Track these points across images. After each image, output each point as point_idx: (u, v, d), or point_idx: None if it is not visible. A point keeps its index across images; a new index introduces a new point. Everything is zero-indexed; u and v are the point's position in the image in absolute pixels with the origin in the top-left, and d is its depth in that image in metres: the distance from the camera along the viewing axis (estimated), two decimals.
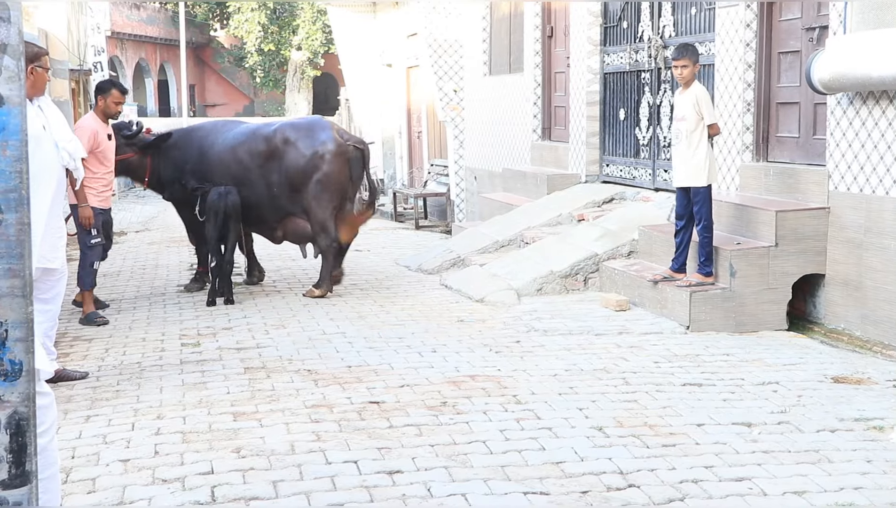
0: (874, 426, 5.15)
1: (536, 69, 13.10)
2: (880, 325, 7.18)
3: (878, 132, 7.21)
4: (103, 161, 8.32)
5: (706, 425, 5.14)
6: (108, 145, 8.41)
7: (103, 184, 8.34)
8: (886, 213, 7.12)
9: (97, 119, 8.43)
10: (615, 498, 4.17)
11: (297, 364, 6.51)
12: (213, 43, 44.87)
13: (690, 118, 7.61)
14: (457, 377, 6.13)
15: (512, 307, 8.38)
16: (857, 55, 7.04)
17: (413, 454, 4.68)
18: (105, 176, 8.39)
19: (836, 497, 4.18)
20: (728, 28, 9.00)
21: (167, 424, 5.22)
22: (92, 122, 8.42)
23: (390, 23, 20.10)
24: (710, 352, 6.87)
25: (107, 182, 8.43)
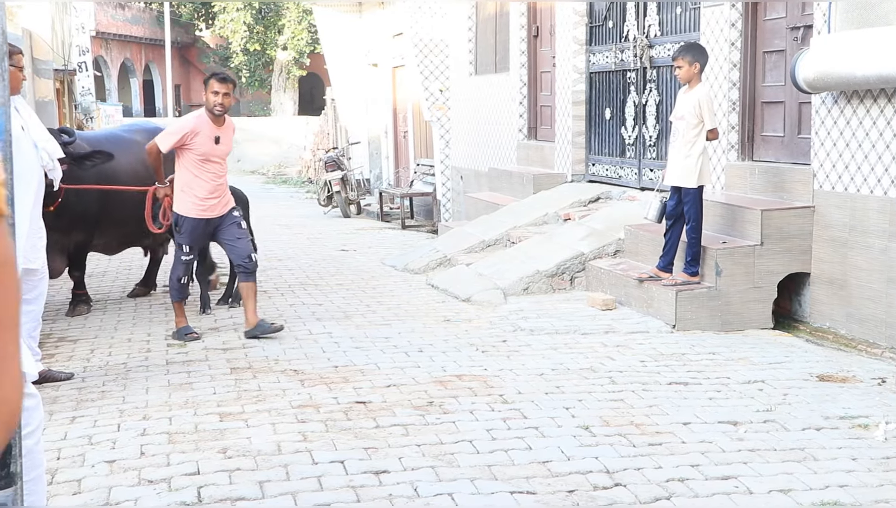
0: (859, 424, 5.17)
1: (522, 69, 13.11)
2: (865, 323, 7.21)
3: (862, 131, 7.24)
4: (204, 163, 7.36)
5: (692, 423, 5.15)
6: (209, 147, 7.37)
7: (207, 191, 7.37)
8: (871, 212, 7.15)
9: (201, 116, 7.48)
10: (602, 497, 4.17)
11: (283, 364, 6.50)
12: (199, 43, 44.76)
13: (689, 119, 7.60)
14: (443, 376, 6.13)
15: (498, 307, 8.38)
16: (842, 54, 7.06)
17: (400, 453, 4.68)
18: (208, 181, 7.38)
19: (821, 494, 4.19)
20: (713, 27, 9.02)
21: (153, 425, 5.21)
22: (191, 119, 7.55)
23: (376, 22, 20.07)
24: (696, 351, 6.88)
25: (210, 188, 7.38)
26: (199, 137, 7.34)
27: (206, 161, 7.35)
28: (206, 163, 7.35)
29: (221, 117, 7.44)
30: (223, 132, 7.50)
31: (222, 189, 7.52)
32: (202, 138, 7.34)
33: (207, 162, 7.35)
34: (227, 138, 7.57)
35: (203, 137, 7.34)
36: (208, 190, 7.38)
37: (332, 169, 18.10)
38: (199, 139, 7.34)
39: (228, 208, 7.56)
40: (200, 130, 7.36)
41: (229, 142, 7.61)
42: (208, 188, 7.38)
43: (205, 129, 7.37)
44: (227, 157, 7.64)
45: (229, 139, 7.61)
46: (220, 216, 7.51)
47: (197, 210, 7.39)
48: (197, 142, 7.33)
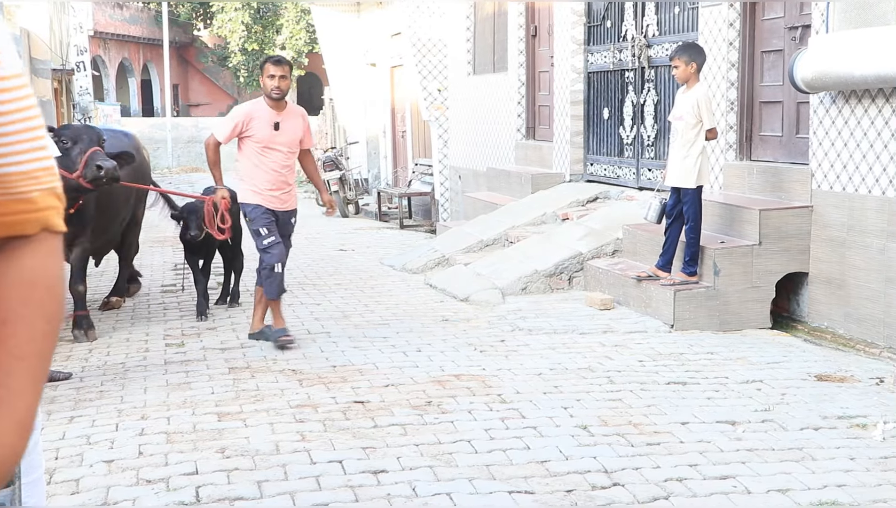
0: (857, 423, 5.17)
1: (520, 68, 13.11)
2: (863, 323, 7.22)
3: (860, 131, 7.24)
4: (264, 151, 6.98)
5: (690, 423, 5.15)
6: (268, 133, 6.97)
7: (268, 182, 6.99)
8: (869, 211, 7.15)
9: (259, 101, 7.15)
10: (600, 497, 4.17)
11: (281, 364, 6.50)
12: (197, 42, 44.69)
13: (688, 119, 7.59)
14: (441, 376, 6.13)
15: (496, 307, 8.38)
16: (840, 54, 7.07)
17: (398, 453, 4.68)
18: (269, 171, 6.99)
19: (819, 494, 4.19)
20: (711, 27, 9.02)
21: (151, 424, 5.20)
22: (248, 104, 7.25)
23: (374, 22, 20.07)
24: (695, 351, 6.89)
25: (271, 180, 7.00)
26: (257, 123, 6.95)
27: (267, 149, 6.94)
28: (266, 151, 6.95)
29: (282, 102, 7.04)
30: (285, 118, 7.04)
31: (286, 184, 7.08)
32: (260, 124, 6.95)
33: (268, 150, 6.95)
34: (292, 126, 7.07)
35: (261, 123, 6.96)
36: (270, 182, 6.98)
37: (331, 169, 18.09)
38: (256, 125, 6.95)
39: (292, 205, 7.18)
40: (257, 114, 6.99)
41: (295, 130, 7.09)
42: (269, 180, 6.98)
43: (262, 114, 6.99)
44: (295, 147, 7.11)
45: (295, 127, 7.09)
46: (283, 211, 7.11)
47: (259, 198, 7.00)
48: (254, 127, 6.95)
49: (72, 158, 6.85)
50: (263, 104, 7.03)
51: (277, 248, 6.96)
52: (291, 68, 7.11)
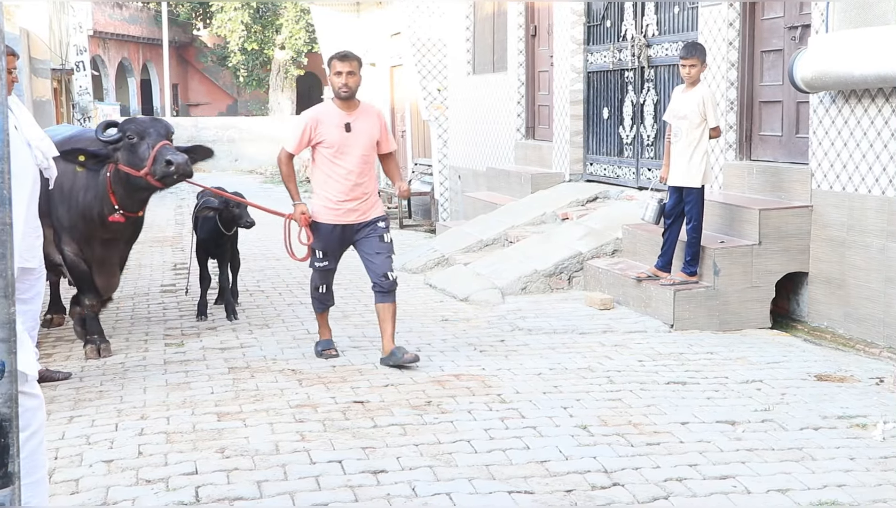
0: (857, 423, 5.17)
1: (520, 68, 13.11)
2: (863, 323, 7.22)
3: (860, 131, 7.24)
4: (335, 159, 6.36)
5: (690, 423, 5.15)
6: (339, 136, 6.34)
7: (341, 192, 6.36)
8: (868, 211, 7.15)
9: (328, 103, 6.58)
10: (600, 497, 4.17)
11: (281, 364, 6.49)
12: (196, 42, 44.69)
13: (693, 118, 7.59)
14: (441, 376, 6.13)
15: (496, 306, 8.38)
16: (839, 54, 7.07)
17: (397, 453, 4.68)
18: (340, 179, 6.35)
19: (819, 494, 4.19)
20: (711, 27, 9.02)
21: (151, 424, 5.20)
22: (316, 108, 6.64)
23: (374, 22, 20.07)
24: (694, 350, 6.88)
25: (344, 189, 6.36)
26: (325, 127, 6.34)
27: (339, 154, 6.33)
28: (338, 157, 6.33)
29: (352, 101, 6.41)
30: (357, 119, 6.39)
31: (363, 191, 6.42)
32: (328, 128, 6.33)
33: (340, 156, 6.33)
34: (366, 126, 6.42)
35: (329, 127, 6.34)
36: (342, 191, 6.36)
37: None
38: (324, 129, 6.34)
39: (373, 215, 6.48)
40: (325, 117, 6.39)
41: (370, 131, 6.43)
42: (342, 189, 6.35)
43: (331, 116, 6.38)
44: (371, 151, 6.46)
45: (370, 128, 6.43)
46: (361, 224, 6.45)
47: (330, 214, 6.40)
48: (322, 132, 6.34)
49: (139, 155, 6.42)
50: (332, 106, 6.46)
51: (327, 273, 6.67)
52: (360, 64, 6.48)
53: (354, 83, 6.37)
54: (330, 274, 6.71)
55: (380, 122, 6.57)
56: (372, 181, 6.54)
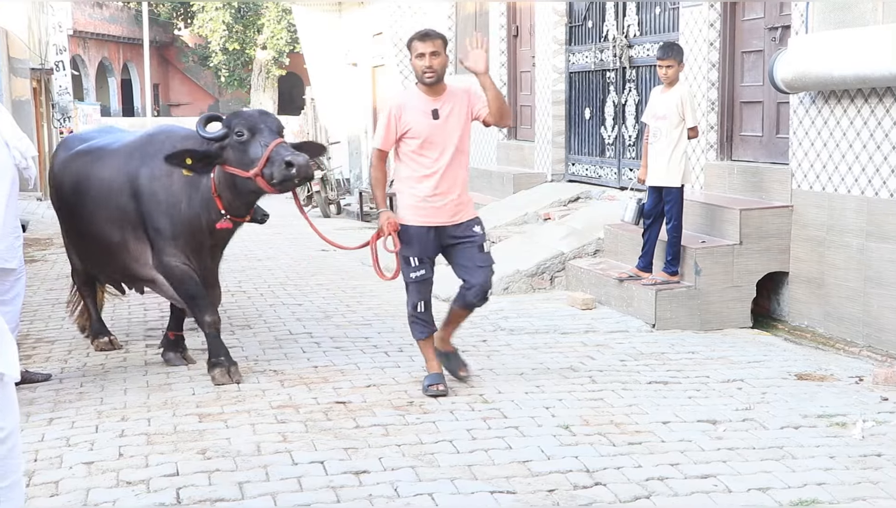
0: (837, 422, 5.20)
1: (502, 68, 13.12)
2: (842, 322, 7.26)
3: (839, 131, 7.28)
4: (424, 149, 5.65)
5: (672, 422, 5.16)
6: (425, 124, 5.63)
7: (430, 186, 5.65)
8: (848, 211, 7.19)
9: (414, 89, 5.82)
10: (582, 497, 4.18)
11: (263, 365, 6.47)
12: (177, 42, 44.55)
13: (672, 118, 7.62)
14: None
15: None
16: (819, 55, 7.10)
17: (380, 454, 4.67)
18: (429, 174, 5.66)
19: (799, 493, 4.21)
20: (692, 27, 9.05)
21: (131, 426, 5.18)
22: (399, 95, 6.07)
23: (356, 22, 20.04)
24: (676, 350, 6.90)
25: (433, 183, 5.66)
26: (410, 113, 5.65)
27: (426, 145, 5.63)
28: (426, 148, 5.63)
29: (439, 85, 5.66)
30: (446, 104, 5.67)
31: (454, 185, 5.70)
32: (413, 115, 5.64)
33: (428, 147, 5.63)
34: (456, 110, 5.69)
35: (414, 113, 5.64)
36: (433, 187, 5.64)
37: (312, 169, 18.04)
38: (408, 117, 5.64)
39: (467, 216, 5.78)
40: (410, 104, 5.70)
41: (460, 115, 5.69)
42: (430, 185, 5.64)
43: (414, 102, 5.69)
44: (464, 141, 5.76)
45: (459, 110, 5.70)
46: (454, 225, 5.73)
47: (419, 215, 5.67)
48: (407, 120, 5.63)
49: (249, 154, 5.74)
50: (416, 91, 5.75)
51: (425, 285, 5.79)
52: (446, 43, 5.73)
53: (440, 65, 5.61)
54: (428, 286, 5.81)
55: (469, 95, 5.77)
56: (465, 171, 5.83)
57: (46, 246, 12.97)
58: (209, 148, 5.86)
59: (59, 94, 21.60)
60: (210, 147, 5.86)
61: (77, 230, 6.77)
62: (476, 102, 5.77)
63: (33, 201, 16.88)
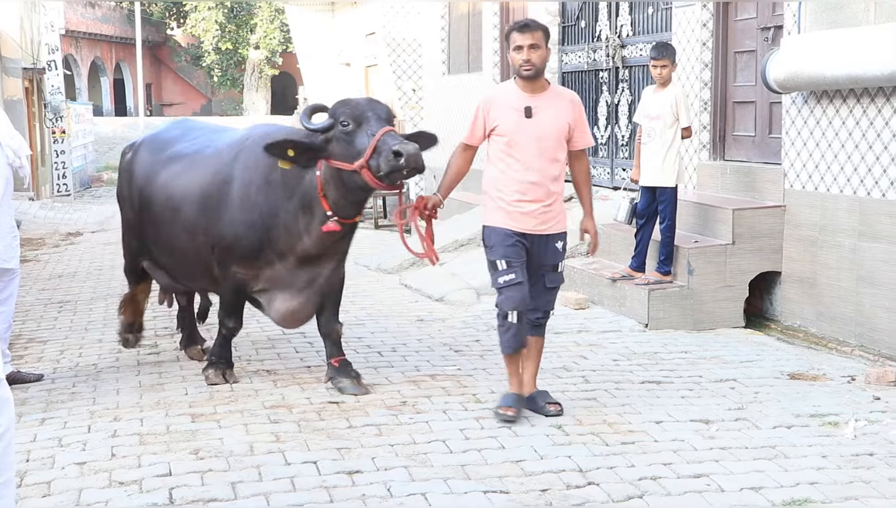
0: (829, 421, 5.21)
1: (495, 68, 13.12)
2: (835, 322, 7.27)
3: (831, 131, 7.30)
4: (512, 148, 5.20)
5: (665, 422, 5.17)
6: (515, 121, 5.19)
7: (516, 189, 5.20)
8: (840, 211, 7.20)
9: (510, 83, 5.35)
10: (575, 496, 4.18)
11: (256, 365, 6.47)
12: (170, 42, 44.49)
13: (666, 118, 7.64)
14: (417, 376, 6.13)
15: (472, 306, 8.38)
16: (811, 55, 7.12)
17: (373, 453, 4.67)
18: (517, 174, 5.20)
19: (791, 492, 4.22)
20: (685, 28, 9.06)
21: (124, 426, 5.17)
22: (496, 88, 5.64)
23: (349, 22, 20.03)
24: (669, 350, 6.91)
25: (521, 187, 5.19)
26: (500, 109, 5.23)
27: (514, 144, 5.18)
28: (514, 148, 5.18)
29: (538, 81, 5.22)
30: (543, 103, 5.20)
31: (546, 194, 5.22)
32: (503, 111, 5.21)
33: (516, 146, 5.18)
34: (554, 114, 5.20)
35: (504, 109, 5.21)
36: (520, 191, 5.18)
37: None
38: (499, 112, 5.22)
39: (554, 228, 5.32)
40: (502, 98, 5.28)
41: (558, 119, 5.20)
42: (519, 188, 5.18)
43: (507, 97, 5.26)
44: (559, 143, 5.23)
45: (559, 115, 5.21)
46: (541, 236, 5.26)
47: (505, 218, 5.20)
48: (496, 115, 5.23)
49: (356, 145, 5.28)
50: (512, 86, 5.29)
51: (516, 291, 5.17)
52: (547, 36, 5.26)
53: (539, 58, 5.15)
54: (520, 293, 5.17)
55: (574, 109, 5.29)
56: (557, 182, 5.29)
57: (39, 246, 12.97)
58: (314, 140, 5.40)
59: (52, 93, 21.55)
60: (315, 139, 5.40)
61: (161, 241, 6.28)
62: (579, 126, 5.30)
63: (25, 200, 16.84)
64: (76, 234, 14.11)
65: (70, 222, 15.84)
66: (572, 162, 5.40)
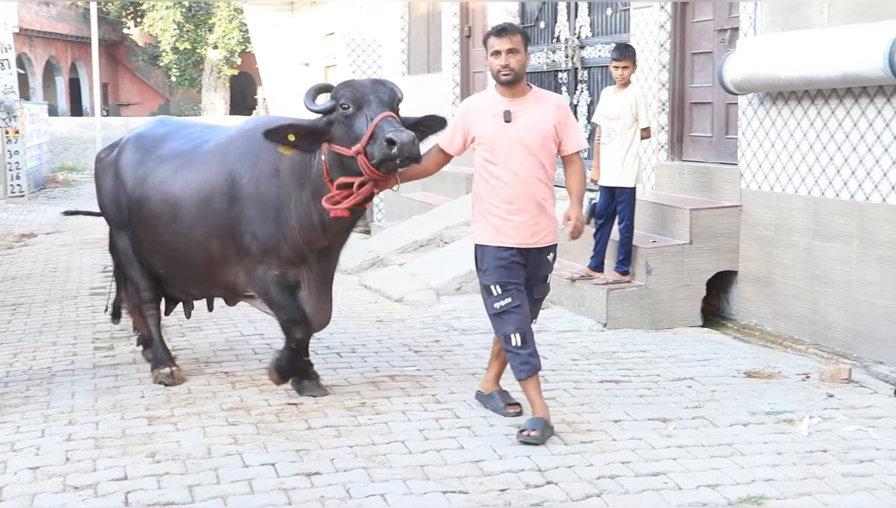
0: (784, 419, 5.27)
1: (455, 69, 13.13)
2: (790, 320, 7.35)
3: (786, 132, 7.38)
4: (494, 156, 5.00)
5: (623, 421, 5.20)
6: (495, 128, 4.99)
7: (502, 199, 4.99)
8: (795, 211, 7.29)
9: (491, 90, 5.20)
10: (533, 496, 4.19)
11: (214, 367, 6.42)
12: (127, 41, 44.05)
13: (626, 118, 7.68)
14: (376, 377, 6.11)
15: (431, 307, 8.38)
16: (767, 56, 7.19)
17: (332, 455, 4.65)
18: (503, 184, 4.99)
19: (747, 489, 4.26)
20: (643, 29, 9.12)
21: (79, 430, 5.10)
22: (476, 95, 5.48)
23: (308, 22, 19.95)
24: (627, 349, 6.95)
25: (506, 197, 4.98)
26: (479, 116, 5.06)
27: (494, 151, 4.99)
28: (495, 154, 4.99)
29: (518, 86, 5.04)
30: (523, 107, 5.02)
31: (532, 205, 5.00)
32: (483, 117, 5.04)
33: (496, 152, 4.98)
34: (536, 117, 5.00)
35: (484, 116, 5.04)
36: (505, 200, 4.97)
37: None
38: (479, 118, 5.05)
39: (545, 241, 5.11)
40: (482, 105, 5.11)
41: (541, 124, 5.00)
42: (504, 197, 4.98)
43: (486, 103, 5.10)
44: (543, 150, 5.01)
45: (541, 120, 5.00)
46: (533, 250, 5.08)
47: (496, 234, 5.01)
48: (476, 123, 5.06)
49: (354, 129, 5.04)
50: (493, 92, 5.13)
51: (514, 314, 4.99)
52: (526, 39, 5.12)
53: (518, 63, 4.99)
54: (520, 316, 5.01)
55: (559, 111, 5.09)
56: (545, 189, 5.05)
57: None
58: (315, 123, 5.21)
59: (5, 93, 21.24)
60: (317, 122, 5.21)
61: (160, 244, 5.96)
62: (566, 130, 5.08)
63: None
64: (30, 235, 13.92)
65: (24, 223, 15.63)
66: (565, 167, 5.20)
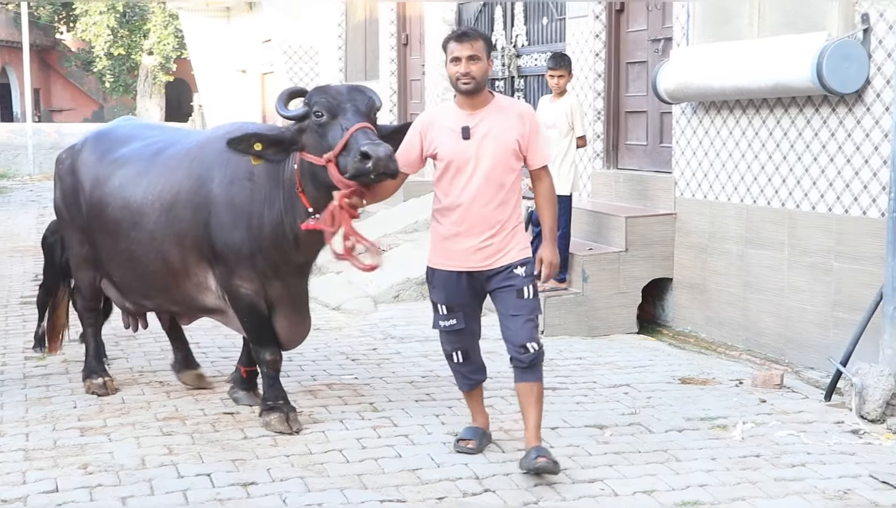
0: (718, 424, 5.34)
1: (392, 76, 13.13)
2: (723, 327, 7.46)
3: (719, 141, 7.49)
4: (449, 178, 4.65)
5: (560, 428, 5.23)
6: (453, 144, 4.61)
7: (451, 221, 4.66)
8: (728, 219, 7.40)
9: (451, 102, 4.82)
10: (471, 504, 4.20)
11: (148, 376, 6.34)
12: (60, 46, 43.32)
13: (562, 127, 7.74)
14: (313, 385, 6.08)
15: (369, 315, 8.35)
16: (699, 66, 7.30)
17: (268, 465, 4.62)
18: (449, 209, 4.67)
19: (682, 494, 4.31)
20: (578, 38, 9.21)
21: (8, 441, 5.00)
22: (436, 108, 5.24)
23: (245, 28, 19.81)
24: (564, 356, 6.99)
25: (455, 219, 4.64)
26: (438, 132, 4.67)
27: (453, 170, 4.62)
28: (454, 173, 4.62)
29: (479, 96, 4.64)
30: (483, 120, 4.61)
31: (482, 224, 4.60)
32: (441, 134, 4.65)
33: (455, 172, 4.62)
34: (497, 129, 4.59)
35: (442, 131, 4.66)
36: (457, 223, 4.63)
37: None
38: (437, 135, 4.66)
39: (508, 258, 4.63)
40: (440, 120, 4.72)
41: (503, 137, 4.59)
42: (452, 219, 4.64)
43: (445, 117, 4.71)
44: (505, 165, 4.62)
45: (503, 132, 4.60)
46: (491, 271, 4.65)
47: (441, 257, 4.73)
48: (434, 139, 4.67)
49: (328, 140, 4.71)
50: (452, 105, 4.76)
51: (458, 335, 4.87)
52: (489, 45, 4.76)
53: (479, 71, 4.61)
54: (463, 337, 4.88)
55: (523, 122, 4.66)
56: (507, 209, 4.65)
57: None
58: (282, 131, 4.94)
59: None
60: (286, 130, 4.93)
61: (116, 252, 5.62)
62: (530, 137, 4.68)
63: None
64: None
65: None
66: (532, 183, 4.87)
